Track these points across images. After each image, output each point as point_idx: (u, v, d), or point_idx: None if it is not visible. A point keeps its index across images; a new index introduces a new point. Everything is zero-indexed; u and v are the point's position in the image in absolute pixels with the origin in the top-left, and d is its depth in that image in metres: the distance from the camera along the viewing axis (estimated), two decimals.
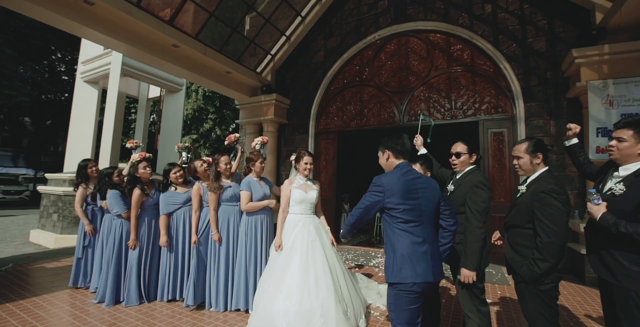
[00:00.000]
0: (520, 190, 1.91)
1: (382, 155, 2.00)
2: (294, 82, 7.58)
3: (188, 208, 3.26)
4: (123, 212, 3.23)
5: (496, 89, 5.53)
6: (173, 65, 5.45)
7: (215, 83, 6.37)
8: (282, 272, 2.51)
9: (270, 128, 7.29)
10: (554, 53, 5.06)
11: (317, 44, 7.38)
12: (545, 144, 1.92)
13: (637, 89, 4.09)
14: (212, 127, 14.26)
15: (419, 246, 1.73)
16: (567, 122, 4.88)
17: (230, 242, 3.03)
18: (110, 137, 7.02)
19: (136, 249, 3.13)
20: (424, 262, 1.71)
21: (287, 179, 2.95)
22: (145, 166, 3.23)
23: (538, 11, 5.24)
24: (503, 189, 5.38)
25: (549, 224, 1.70)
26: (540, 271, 1.72)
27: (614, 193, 1.67)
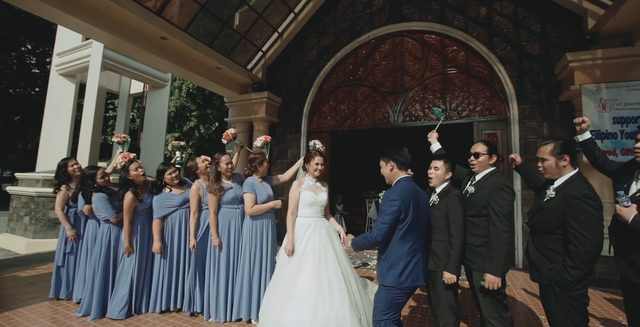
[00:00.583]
0: (548, 194, 1.84)
1: (385, 166, 2.10)
2: (285, 80, 7.40)
3: (184, 211, 3.03)
4: (112, 217, 2.96)
5: (490, 91, 5.58)
6: (160, 59, 5.15)
7: (205, 79, 6.09)
8: (293, 280, 2.35)
9: (261, 127, 7.07)
10: (547, 57, 5.15)
11: (310, 42, 7.23)
12: (574, 145, 1.86)
13: (629, 94, 4.21)
14: (196, 126, 13.76)
15: (414, 254, 1.94)
16: (559, 125, 5.02)
17: (232, 247, 2.84)
18: (90, 135, 6.58)
19: (129, 257, 2.87)
20: (418, 269, 1.94)
21: (296, 180, 2.80)
22: (138, 167, 2.97)
23: (532, 15, 5.32)
24: None
25: (583, 232, 1.64)
26: (570, 278, 1.67)
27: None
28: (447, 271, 2.05)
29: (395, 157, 2.06)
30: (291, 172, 3.25)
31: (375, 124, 6.51)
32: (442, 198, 2.18)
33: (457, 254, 2.05)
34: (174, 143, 3.79)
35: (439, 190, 2.27)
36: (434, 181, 2.31)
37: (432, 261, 2.16)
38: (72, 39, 7.28)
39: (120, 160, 3.18)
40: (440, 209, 2.15)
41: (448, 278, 2.04)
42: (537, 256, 1.84)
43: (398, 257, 1.90)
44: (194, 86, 12.57)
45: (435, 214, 2.18)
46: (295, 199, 2.61)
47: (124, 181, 2.88)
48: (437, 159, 2.37)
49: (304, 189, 2.63)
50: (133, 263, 2.86)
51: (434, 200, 2.23)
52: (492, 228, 1.99)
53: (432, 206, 2.22)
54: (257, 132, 7.05)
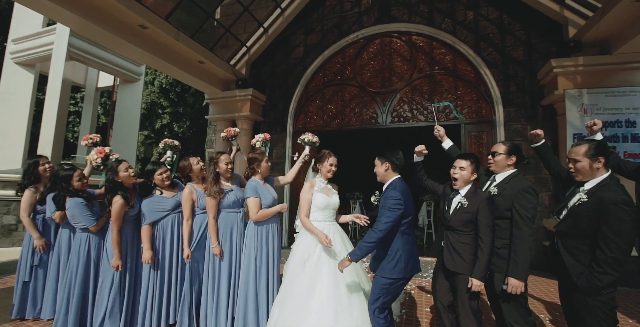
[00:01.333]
0: (579, 197, 1.80)
1: (380, 165, 2.26)
2: (270, 78, 7.15)
3: (176, 216, 2.74)
4: (91, 224, 2.60)
5: (477, 94, 5.71)
6: (138, 49, 4.73)
7: (186, 73, 5.71)
8: (309, 289, 2.18)
9: (245, 125, 6.77)
10: (530, 62, 5.34)
11: (296, 39, 7.04)
12: (609, 147, 1.85)
13: (607, 99, 4.45)
14: (169, 124, 12.98)
15: (412, 247, 2.17)
16: (542, 127, 5.18)
17: (234, 256, 2.60)
18: (52, 131, 5.93)
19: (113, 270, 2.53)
20: (416, 258, 2.19)
21: (307, 181, 2.62)
22: (128, 168, 2.63)
23: (516, 22, 5.51)
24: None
25: (614, 239, 1.62)
26: (601, 284, 1.65)
27: None
28: (476, 278, 1.97)
29: (392, 160, 2.23)
30: (293, 173, 3.07)
31: (363, 124, 6.45)
32: (471, 201, 2.09)
33: (487, 260, 1.99)
34: (167, 141, 3.45)
35: (465, 192, 2.17)
36: (458, 182, 2.20)
37: (456, 263, 2.09)
38: (31, 24, 6.55)
39: (95, 156, 2.83)
40: (469, 213, 2.07)
41: (477, 285, 1.97)
42: (571, 261, 1.79)
43: (403, 251, 2.08)
44: (168, 81, 11.87)
45: (463, 217, 2.10)
46: (309, 201, 2.43)
47: (112, 184, 2.53)
48: (463, 158, 2.24)
49: (316, 191, 2.46)
50: (119, 276, 2.53)
51: (461, 202, 2.13)
52: (517, 231, 1.94)
53: (458, 209, 2.14)
54: (240, 131, 6.71)
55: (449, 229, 2.19)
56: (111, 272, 2.52)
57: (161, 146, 3.44)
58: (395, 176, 2.24)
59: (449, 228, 2.19)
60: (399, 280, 2.09)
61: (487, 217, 2.02)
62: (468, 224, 2.08)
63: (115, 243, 2.48)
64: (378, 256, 2.15)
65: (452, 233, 2.16)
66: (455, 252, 2.11)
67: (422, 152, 2.61)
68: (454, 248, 2.12)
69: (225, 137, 3.31)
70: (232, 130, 3.25)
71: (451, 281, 2.19)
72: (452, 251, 2.12)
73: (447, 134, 3.07)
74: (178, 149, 3.55)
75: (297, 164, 3.10)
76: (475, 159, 2.27)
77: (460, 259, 2.08)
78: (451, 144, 2.77)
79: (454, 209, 2.18)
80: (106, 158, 2.85)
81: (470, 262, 2.05)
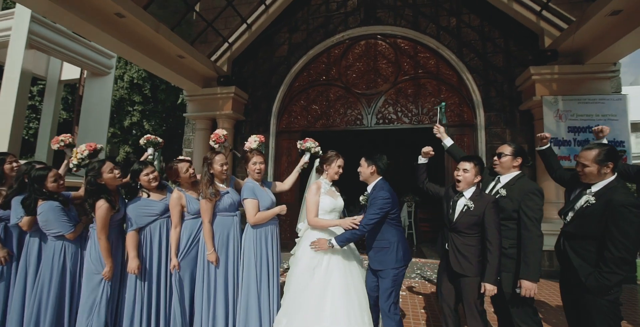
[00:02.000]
0: (587, 199, 1.85)
1: (366, 167, 2.41)
2: (253, 76, 6.94)
3: (165, 220, 2.52)
4: (68, 231, 2.32)
5: (459, 98, 5.88)
6: (114, 40, 4.38)
7: (165, 68, 5.37)
8: (320, 297, 2.08)
9: (226, 124, 6.50)
10: (509, 68, 5.59)
11: (280, 37, 6.89)
12: (617, 151, 1.91)
13: (580, 106, 4.73)
14: (139, 121, 12.19)
15: (404, 236, 2.39)
16: (520, 132, 5.46)
17: (230, 263, 2.43)
18: (9, 128, 5.33)
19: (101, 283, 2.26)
20: (407, 247, 2.37)
21: (313, 182, 2.51)
22: (113, 168, 2.37)
23: (495, 30, 5.74)
24: None
25: (622, 240, 1.68)
26: (610, 283, 1.70)
27: None
28: (488, 282, 1.97)
29: (378, 164, 2.40)
30: (291, 181, 2.94)
31: (348, 125, 6.43)
32: (477, 204, 2.10)
33: (497, 263, 1.99)
34: (150, 137, 3.16)
35: (470, 194, 2.17)
36: (462, 184, 2.20)
37: (462, 265, 2.10)
38: None
39: (83, 148, 2.55)
40: (476, 216, 2.08)
41: (490, 290, 1.97)
42: (579, 262, 1.83)
43: (397, 241, 2.28)
44: (140, 76, 11.16)
45: (469, 220, 2.10)
46: (317, 203, 2.34)
47: (95, 187, 2.27)
48: (467, 160, 2.24)
49: (322, 193, 2.36)
50: (106, 290, 2.27)
51: (467, 205, 2.13)
52: (526, 233, 1.96)
53: (464, 211, 2.13)
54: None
55: (454, 232, 2.19)
56: (96, 286, 2.26)
57: (142, 142, 3.15)
58: (379, 178, 2.41)
59: (454, 230, 2.19)
60: (402, 267, 2.29)
61: (494, 219, 2.03)
62: (474, 227, 2.09)
63: (107, 252, 2.23)
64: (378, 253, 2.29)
65: (458, 235, 2.16)
66: (460, 254, 2.11)
67: (429, 153, 2.60)
68: (459, 251, 2.12)
69: (221, 146, 3.06)
70: (222, 136, 3.04)
71: (456, 283, 2.19)
72: (458, 254, 2.13)
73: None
74: (161, 145, 3.28)
75: (296, 172, 2.98)
76: (479, 161, 2.28)
77: (466, 262, 2.09)
78: (452, 143, 2.78)
79: (459, 212, 2.17)
80: (95, 154, 2.57)
81: (477, 264, 2.06)
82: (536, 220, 1.96)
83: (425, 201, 8.26)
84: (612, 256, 1.70)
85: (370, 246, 2.35)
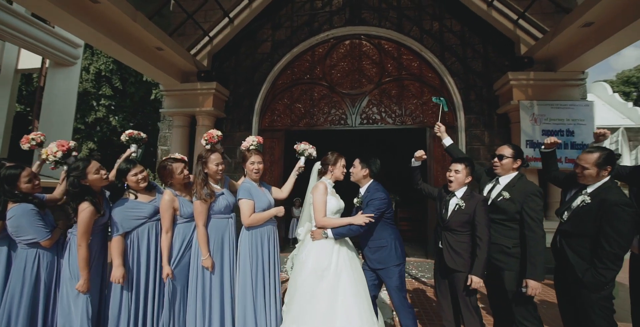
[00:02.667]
0: (583, 199, 1.94)
1: (360, 169, 2.49)
2: (234, 72, 6.72)
3: (154, 224, 2.33)
4: (44, 238, 2.07)
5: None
6: (87, 27, 4.02)
7: (141, 60, 5.03)
8: (332, 299, 2.03)
9: (206, 122, 6.24)
10: (487, 73, 5.83)
11: (264, 33, 6.72)
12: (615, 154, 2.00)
13: (552, 111, 5.03)
14: (105, 117, 11.31)
15: (399, 234, 2.47)
16: (497, 134, 5.72)
17: (226, 268, 2.30)
18: None
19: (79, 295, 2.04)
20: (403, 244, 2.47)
21: (319, 182, 2.44)
22: (99, 169, 2.15)
23: (475, 36, 5.96)
24: None
25: (615, 237, 1.78)
26: (606, 279, 1.79)
27: None
28: (476, 275, 2.09)
29: (372, 168, 2.50)
30: (289, 188, 2.81)
31: (332, 124, 6.41)
32: (468, 203, 2.23)
33: (485, 258, 2.11)
34: (133, 133, 2.91)
35: (461, 194, 2.30)
36: (453, 184, 2.33)
37: (455, 261, 2.21)
38: None
39: (55, 149, 2.30)
40: (467, 214, 2.20)
41: (477, 282, 2.09)
42: (575, 259, 1.92)
43: (394, 239, 2.38)
44: (107, 68, 10.38)
45: (461, 218, 2.22)
46: (325, 203, 2.30)
47: (78, 189, 2.04)
48: (459, 162, 2.36)
49: (329, 194, 2.31)
50: (87, 301, 2.05)
51: (459, 204, 2.25)
52: (530, 234, 2.03)
53: (456, 210, 2.25)
54: (201, 128, 6.20)
55: (447, 230, 2.30)
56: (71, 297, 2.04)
57: (124, 138, 2.90)
58: (371, 180, 2.52)
59: (447, 229, 2.30)
60: (403, 263, 2.40)
61: (483, 217, 2.16)
62: (465, 225, 2.22)
63: (85, 262, 2.01)
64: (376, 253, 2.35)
65: (451, 234, 2.27)
66: (454, 251, 2.22)
67: (422, 157, 2.68)
68: (452, 248, 2.24)
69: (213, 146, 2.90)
70: (215, 136, 2.89)
71: (450, 279, 2.30)
72: (451, 251, 2.24)
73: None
74: (144, 142, 3.04)
75: (292, 178, 2.86)
76: (470, 162, 2.39)
77: (459, 258, 2.20)
78: (451, 142, 2.86)
79: (452, 211, 2.29)
80: (68, 154, 2.32)
81: (469, 259, 2.18)
82: (539, 220, 2.04)
83: (406, 201, 8.43)
84: (605, 252, 1.79)
85: (366, 246, 2.39)
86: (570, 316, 2.08)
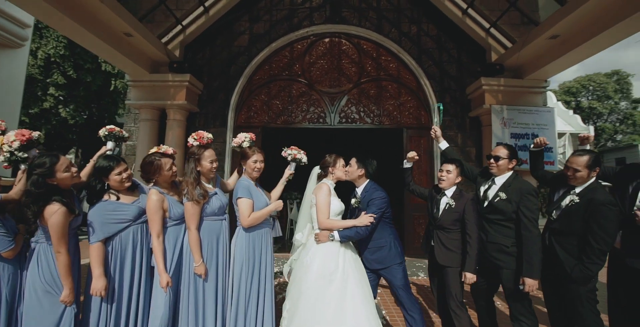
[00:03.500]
0: (571, 199, 2.07)
1: (356, 168, 2.47)
2: (209, 64, 6.39)
3: (138, 227, 2.10)
4: (6, 249, 1.77)
5: (418, 101, 6.23)
6: (49, 7, 3.55)
7: (107, 46, 4.58)
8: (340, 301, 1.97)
9: (178, 116, 5.86)
10: (461, 78, 6.10)
11: (241, 26, 6.45)
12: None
13: (519, 115, 5.39)
14: (53, 107, 10.10)
15: (397, 234, 2.47)
16: (469, 136, 6.01)
17: (220, 274, 2.14)
18: None
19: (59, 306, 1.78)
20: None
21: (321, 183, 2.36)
22: (69, 166, 1.88)
23: (450, 41, 6.21)
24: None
25: (602, 234, 1.92)
26: (593, 273, 1.94)
27: None
28: (469, 271, 2.21)
29: (368, 168, 2.48)
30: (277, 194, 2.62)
31: (311, 122, 6.34)
32: (458, 201, 2.37)
33: (476, 254, 2.24)
34: (114, 129, 2.60)
35: (451, 193, 2.43)
36: (444, 183, 2.45)
37: (447, 257, 2.33)
38: None
39: (12, 139, 2.00)
40: (457, 212, 2.34)
41: (470, 278, 2.21)
42: (564, 255, 2.04)
43: (393, 238, 2.38)
44: (58, 53, 9.27)
45: (451, 216, 2.35)
46: (329, 204, 2.25)
47: (44, 189, 1.77)
48: (450, 163, 2.50)
49: (332, 195, 2.24)
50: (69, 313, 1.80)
51: (449, 203, 2.38)
52: (527, 233, 2.12)
53: (447, 209, 2.38)
54: (172, 122, 5.82)
55: (438, 229, 2.41)
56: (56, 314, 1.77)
57: (103, 133, 2.59)
58: (367, 180, 2.50)
59: (438, 227, 2.41)
60: (404, 260, 2.39)
61: (473, 215, 2.30)
62: (456, 223, 2.34)
63: (67, 269, 1.76)
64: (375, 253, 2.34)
65: (442, 232, 2.39)
66: (445, 248, 2.35)
67: (414, 158, 2.75)
68: (444, 245, 2.36)
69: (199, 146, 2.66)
70: (205, 137, 2.68)
71: (440, 275, 2.40)
72: (443, 247, 2.36)
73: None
74: (125, 140, 2.76)
75: (281, 185, 2.69)
76: (460, 163, 2.55)
77: (451, 253, 2.32)
78: (447, 146, 2.93)
79: (443, 210, 2.41)
80: (28, 145, 2.02)
81: (459, 256, 2.30)
82: (535, 220, 2.14)
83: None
84: (593, 249, 1.93)
85: (365, 247, 2.38)
86: (556, 308, 2.23)
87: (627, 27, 3.72)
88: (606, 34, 3.88)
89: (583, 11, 3.87)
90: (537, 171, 2.58)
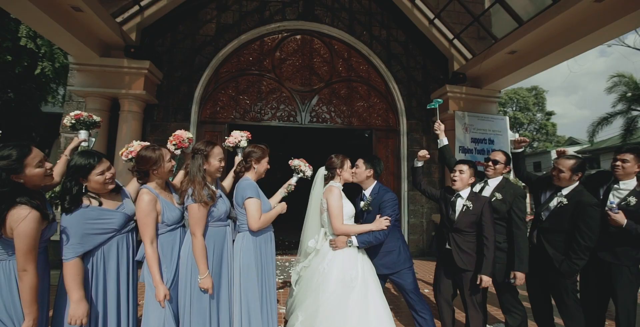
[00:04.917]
0: (559, 200, 2.27)
1: (364, 169, 2.41)
2: (170, 52, 5.82)
3: (124, 237, 1.78)
4: None
5: (386, 104, 6.42)
6: None
7: (51, 20, 3.86)
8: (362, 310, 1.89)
9: (134, 107, 5.24)
10: (426, 84, 6.44)
11: (207, 14, 6.00)
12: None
13: (478, 122, 5.86)
14: None
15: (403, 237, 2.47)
16: (433, 139, 6.34)
17: (224, 286, 1.91)
18: None
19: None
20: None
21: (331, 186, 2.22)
22: (42, 160, 1.50)
23: (417, 48, 6.51)
24: None
25: (588, 232, 2.13)
26: (579, 267, 2.15)
27: (628, 204, 2.26)
28: (485, 274, 2.18)
29: (376, 169, 2.44)
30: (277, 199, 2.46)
31: (281, 121, 6.15)
32: (475, 204, 2.30)
33: (492, 257, 2.21)
34: (81, 114, 2.13)
35: (467, 195, 2.36)
36: (457, 183, 2.39)
37: (464, 261, 2.28)
38: None
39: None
40: (475, 215, 2.28)
41: (486, 281, 2.19)
42: (553, 251, 2.24)
43: (402, 242, 2.37)
44: None
45: (469, 219, 2.29)
46: (342, 208, 2.11)
47: (7, 188, 1.38)
48: (463, 163, 2.44)
49: (343, 198, 2.14)
50: None
51: (467, 205, 2.31)
52: (517, 231, 2.27)
53: (464, 211, 2.31)
54: (127, 114, 5.17)
55: (455, 231, 2.34)
56: None
57: (69, 122, 2.13)
58: (375, 181, 2.45)
59: (455, 230, 2.34)
60: (412, 266, 2.37)
61: (490, 217, 2.27)
62: (473, 225, 2.29)
63: (33, 296, 1.37)
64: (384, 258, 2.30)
65: (459, 235, 2.33)
66: (462, 251, 2.29)
67: (425, 156, 2.69)
68: (461, 248, 2.30)
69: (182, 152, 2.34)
70: (185, 139, 2.35)
71: (457, 278, 2.38)
72: (460, 251, 2.30)
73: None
74: (98, 127, 2.30)
75: (279, 195, 2.51)
76: (473, 164, 2.51)
77: (468, 257, 2.28)
78: (446, 143, 2.95)
79: (459, 212, 2.34)
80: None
81: (475, 258, 2.27)
82: (524, 220, 2.32)
83: None
84: (580, 246, 2.13)
85: (375, 252, 2.30)
86: (541, 301, 2.44)
87: (575, 48, 4.26)
88: (557, 53, 4.40)
89: (540, 31, 4.33)
90: (522, 173, 2.75)
